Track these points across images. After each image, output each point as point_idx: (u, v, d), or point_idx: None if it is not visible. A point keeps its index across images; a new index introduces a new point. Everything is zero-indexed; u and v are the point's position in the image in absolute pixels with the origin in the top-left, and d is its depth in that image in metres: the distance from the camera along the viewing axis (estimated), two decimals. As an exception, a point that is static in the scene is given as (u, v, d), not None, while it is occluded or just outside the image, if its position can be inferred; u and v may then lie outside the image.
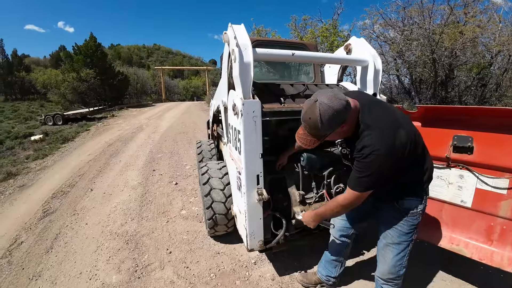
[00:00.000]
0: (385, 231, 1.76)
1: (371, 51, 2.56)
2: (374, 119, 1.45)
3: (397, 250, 1.72)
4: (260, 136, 1.94)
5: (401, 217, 1.67)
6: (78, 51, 25.63)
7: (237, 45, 1.85)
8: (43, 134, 10.66)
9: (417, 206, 1.65)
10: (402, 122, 1.47)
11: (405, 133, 1.42)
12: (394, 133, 1.40)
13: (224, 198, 2.64)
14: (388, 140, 1.38)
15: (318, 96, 1.38)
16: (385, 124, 1.43)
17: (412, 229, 1.69)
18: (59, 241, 3.32)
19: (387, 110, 1.53)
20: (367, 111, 1.48)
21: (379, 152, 1.37)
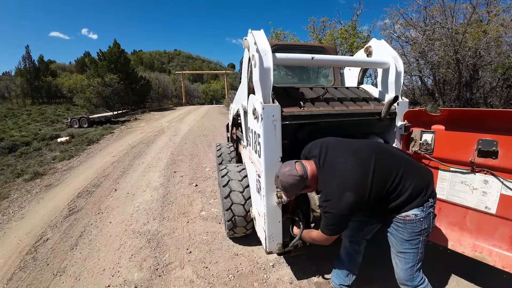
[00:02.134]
0: (390, 240, 1.82)
1: (392, 53, 2.53)
2: (324, 185, 1.71)
3: (405, 259, 1.76)
4: (280, 140, 1.97)
5: (400, 225, 1.73)
6: (103, 57, 26.52)
7: (257, 50, 1.89)
8: (69, 136, 11.07)
9: (416, 214, 1.67)
10: (350, 181, 1.62)
11: (351, 194, 1.59)
12: (339, 198, 1.60)
13: (243, 200, 2.68)
14: (333, 202, 1.62)
15: (279, 173, 1.77)
16: (331, 189, 1.65)
17: (414, 236, 1.71)
18: (83, 239, 3.45)
19: (336, 174, 1.68)
20: (321, 174, 1.74)
21: (330, 211, 1.63)
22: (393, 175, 1.67)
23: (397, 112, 2.47)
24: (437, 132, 2.38)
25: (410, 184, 1.67)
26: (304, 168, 1.73)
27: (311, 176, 1.73)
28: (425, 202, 1.69)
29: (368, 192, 1.62)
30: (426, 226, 1.71)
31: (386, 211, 1.73)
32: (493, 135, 2.08)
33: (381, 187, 1.65)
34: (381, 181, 1.65)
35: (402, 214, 1.69)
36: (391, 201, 1.68)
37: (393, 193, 1.66)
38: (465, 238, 2.29)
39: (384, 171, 1.67)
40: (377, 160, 1.69)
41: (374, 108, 2.42)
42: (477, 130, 2.16)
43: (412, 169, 1.74)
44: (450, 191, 2.35)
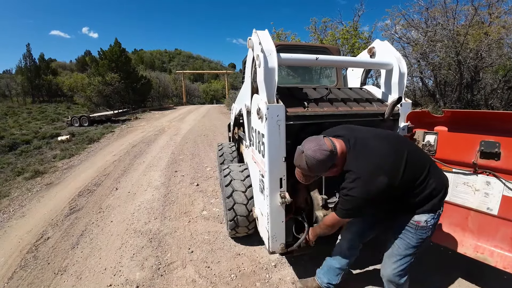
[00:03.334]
0: (394, 241, 1.79)
1: (395, 54, 2.53)
2: (355, 165, 1.57)
3: (401, 261, 1.76)
4: (284, 140, 1.97)
5: (411, 230, 1.71)
6: (103, 56, 26.50)
7: (262, 50, 1.90)
8: (69, 135, 11.08)
9: (428, 221, 1.66)
10: (386, 165, 1.54)
11: (384, 177, 1.50)
12: (370, 179, 1.51)
13: (245, 200, 2.69)
14: (362, 186, 1.51)
15: (304, 148, 1.59)
16: (364, 170, 1.54)
17: (420, 242, 1.72)
18: (84, 238, 3.45)
19: (372, 153, 1.59)
20: (352, 154, 1.61)
21: (355, 195, 1.53)
22: (423, 168, 1.64)
23: (400, 113, 2.48)
24: (439, 133, 2.39)
25: (433, 182, 1.64)
26: (332, 143, 1.59)
27: (340, 153, 1.59)
28: (438, 209, 1.69)
29: (399, 181, 1.54)
30: (431, 234, 1.73)
31: (403, 209, 1.71)
32: (496, 137, 2.09)
33: (412, 178, 1.59)
34: (412, 172, 1.59)
35: (415, 218, 1.67)
36: (413, 196, 1.63)
37: (419, 187, 1.62)
38: (467, 239, 2.30)
39: (415, 162, 1.63)
40: (409, 152, 1.64)
41: (378, 109, 2.43)
42: (480, 132, 2.16)
43: (436, 168, 1.73)
44: (452, 192, 2.34)
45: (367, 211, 1.67)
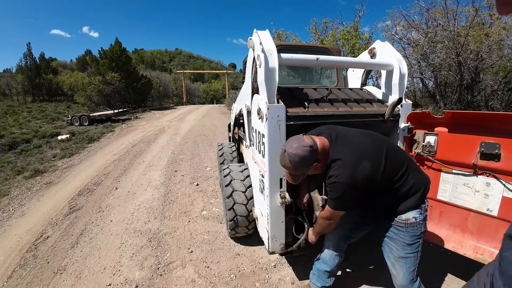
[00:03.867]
0: (389, 245, 1.80)
1: (396, 55, 2.54)
2: (339, 153, 1.63)
3: (407, 264, 1.75)
4: (284, 140, 1.98)
5: (401, 229, 1.72)
6: (104, 55, 26.52)
7: (263, 50, 1.90)
8: (69, 134, 11.09)
9: (416, 217, 1.68)
10: (368, 154, 1.61)
11: (368, 164, 1.57)
12: (355, 165, 1.57)
13: (245, 200, 2.69)
14: (348, 171, 1.56)
15: (286, 147, 1.66)
16: (347, 156, 1.60)
17: (415, 240, 1.72)
18: (84, 237, 3.45)
19: (353, 143, 1.68)
20: (334, 146, 1.67)
21: (341, 181, 1.56)
22: (401, 164, 1.69)
23: (400, 114, 2.48)
24: (440, 134, 2.39)
25: (412, 178, 1.69)
26: (312, 139, 1.65)
27: (321, 149, 1.65)
28: (422, 204, 1.72)
29: (381, 175, 1.59)
30: (424, 229, 1.75)
31: (385, 208, 1.74)
32: (496, 138, 2.09)
33: (391, 173, 1.64)
34: (391, 167, 1.65)
35: (402, 217, 1.70)
36: (394, 193, 1.67)
37: (398, 183, 1.66)
38: (467, 240, 2.30)
39: (394, 159, 1.68)
40: (388, 148, 1.71)
41: (378, 110, 2.43)
42: (480, 133, 2.17)
43: (414, 166, 1.78)
44: (452, 193, 2.36)
45: (355, 201, 1.66)
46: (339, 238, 2.04)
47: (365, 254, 2.78)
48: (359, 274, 2.60)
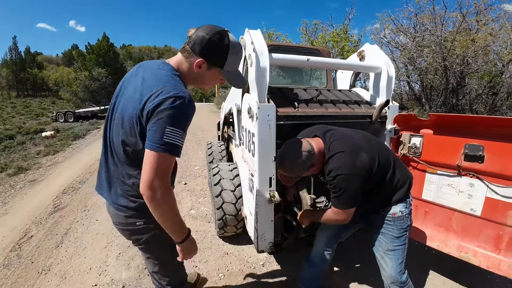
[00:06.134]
0: (378, 239, 1.85)
1: (384, 58, 2.57)
2: (335, 148, 1.64)
3: (396, 256, 1.80)
4: (274, 139, 1.98)
5: (389, 223, 1.77)
6: (91, 50, 26.07)
7: (254, 50, 1.90)
8: (54, 131, 10.88)
9: (402, 210, 1.75)
10: (362, 146, 1.65)
11: (366, 155, 1.59)
12: (353, 155, 1.58)
13: (234, 199, 2.68)
14: (348, 161, 1.57)
15: (284, 151, 1.67)
16: (344, 148, 1.61)
17: (402, 232, 1.78)
18: (69, 236, 3.37)
19: (347, 137, 1.71)
20: (329, 145, 1.67)
21: (343, 172, 1.55)
22: (388, 158, 1.74)
23: (387, 115, 2.52)
24: (425, 136, 2.44)
25: (398, 173, 1.74)
26: (309, 143, 1.66)
27: (317, 152, 1.66)
28: (407, 198, 1.78)
29: (377, 162, 1.63)
30: (410, 222, 1.82)
31: (376, 202, 1.78)
32: (480, 140, 2.14)
33: (384, 163, 1.68)
34: (383, 157, 1.69)
35: (390, 211, 1.75)
36: (386, 184, 1.71)
37: (389, 174, 1.70)
38: (451, 239, 2.35)
39: (383, 152, 1.73)
40: (375, 141, 1.79)
41: (366, 111, 2.46)
42: (464, 135, 2.22)
43: (398, 160, 1.84)
44: (437, 193, 2.42)
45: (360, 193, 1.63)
46: (329, 237, 2.05)
47: (351, 251, 2.82)
48: (347, 271, 2.63)
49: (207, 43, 1.21)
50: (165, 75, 1.22)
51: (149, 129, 1.13)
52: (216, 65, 1.29)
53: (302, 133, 1.91)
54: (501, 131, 2.05)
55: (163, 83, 1.17)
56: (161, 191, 1.14)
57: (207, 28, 1.23)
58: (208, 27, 1.24)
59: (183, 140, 1.18)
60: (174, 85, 1.17)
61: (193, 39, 1.23)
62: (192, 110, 1.20)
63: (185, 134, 1.19)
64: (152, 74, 1.25)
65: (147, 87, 1.18)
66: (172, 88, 1.15)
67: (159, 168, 1.13)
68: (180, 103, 1.12)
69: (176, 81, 1.22)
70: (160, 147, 1.11)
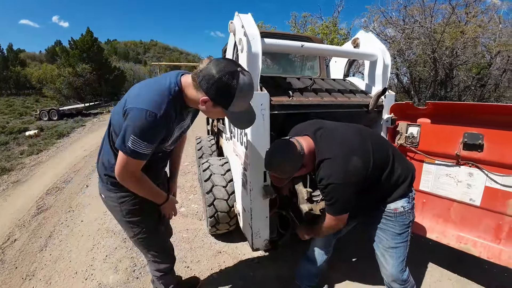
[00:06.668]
0: (379, 235, 1.76)
1: (379, 46, 2.49)
2: (326, 152, 1.53)
3: (397, 254, 1.72)
4: (268, 131, 1.86)
5: (391, 219, 1.68)
6: (74, 45, 25.44)
7: (245, 34, 1.75)
8: (38, 130, 10.57)
9: (404, 206, 1.65)
10: (355, 148, 1.54)
11: (358, 158, 1.49)
12: (345, 160, 1.48)
13: (226, 196, 2.55)
14: (339, 169, 1.47)
15: (271, 152, 1.58)
16: (335, 153, 1.51)
17: (404, 229, 1.69)
18: (53, 239, 3.23)
19: (338, 137, 1.60)
20: (319, 145, 1.57)
21: (334, 181, 1.46)
22: (387, 154, 1.64)
23: (384, 105, 2.44)
24: (422, 125, 2.39)
25: (399, 166, 1.65)
26: (299, 143, 1.55)
27: (308, 152, 1.55)
28: (410, 192, 1.69)
29: (372, 163, 1.52)
30: (412, 218, 1.72)
31: (375, 200, 1.69)
32: (479, 129, 2.09)
33: (380, 162, 1.58)
34: (379, 157, 1.59)
35: (391, 206, 1.65)
36: (384, 182, 1.61)
37: (387, 172, 1.61)
38: (450, 230, 2.32)
39: (380, 149, 1.63)
40: (372, 138, 1.66)
41: (362, 100, 2.37)
42: (463, 124, 2.16)
43: (399, 154, 1.74)
44: (435, 184, 2.37)
45: (354, 198, 1.55)
46: (325, 239, 1.95)
47: (350, 246, 2.75)
48: (345, 266, 2.56)
49: (215, 83, 1.19)
50: (156, 88, 1.29)
51: (122, 130, 1.26)
52: (221, 105, 1.28)
53: (292, 131, 1.81)
54: (502, 119, 1.99)
55: (144, 93, 1.28)
56: (130, 181, 1.38)
57: (219, 65, 1.20)
58: (221, 63, 1.21)
59: (148, 149, 1.27)
60: (151, 99, 1.24)
61: (203, 74, 1.21)
62: (160, 127, 1.27)
63: (152, 144, 1.28)
64: (148, 83, 1.37)
65: (133, 93, 1.32)
66: (146, 101, 1.23)
67: (125, 168, 1.31)
68: (146, 117, 1.20)
69: (159, 96, 1.26)
70: (124, 150, 1.25)
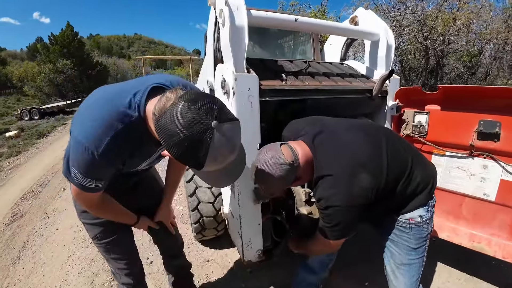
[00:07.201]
0: (390, 248, 1.46)
1: (382, 24, 2.22)
2: (326, 166, 1.25)
3: (410, 272, 1.43)
4: (258, 121, 1.54)
5: (405, 230, 1.38)
6: (54, 41, 24.70)
7: (227, 3, 1.41)
8: (18, 130, 10.23)
9: (422, 215, 1.35)
10: (364, 161, 1.24)
11: (367, 176, 1.21)
12: (350, 179, 1.20)
13: (212, 198, 2.25)
14: (342, 190, 1.19)
15: (258, 161, 1.27)
16: (339, 170, 1.22)
17: (421, 242, 1.39)
18: (27, 250, 2.98)
19: (344, 148, 1.29)
20: (319, 155, 1.28)
21: (336, 204, 1.19)
22: (405, 161, 1.33)
23: (388, 90, 2.17)
24: (431, 112, 2.17)
25: (419, 173, 1.34)
26: (293, 151, 1.26)
27: (304, 162, 1.27)
28: (430, 200, 1.38)
29: (385, 177, 1.24)
30: (431, 229, 1.43)
31: (388, 208, 1.38)
32: (496, 116, 1.89)
33: (396, 172, 1.28)
34: (395, 166, 1.28)
35: (406, 215, 1.35)
36: (399, 194, 1.31)
37: (404, 182, 1.31)
38: (462, 228, 2.14)
39: (397, 155, 1.32)
40: (388, 142, 1.33)
41: (365, 85, 2.09)
42: (478, 110, 1.95)
43: (419, 157, 1.43)
44: (445, 178, 2.18)
45: (358, 221, 1.28)
46: None
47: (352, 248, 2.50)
48: (347, 270, 2.31)
49: (175, 146, 0.83)
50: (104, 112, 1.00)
51: (65, 154, 1.11)
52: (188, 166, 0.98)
53: (287, 131, 1.52)
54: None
55: (87, 118, 1.03)
56: (88, 209, 1.25)
57: (186, 115, 0.80)
58: (189, 111, 0.81)
59: (96, 183, 1.08)
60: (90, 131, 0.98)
61: (161, 124, 0.84)
62: (102, 166, 1.04)
63: (98, 181, 1.08)
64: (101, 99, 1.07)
65: (80, 112, 1.09)
66: (84, 131, 1.00)
67: (78, 197, 1.18)
68: (82, 153, 0.99)
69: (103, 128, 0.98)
70: (71, 180, 1.08)
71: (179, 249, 1.92)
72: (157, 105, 0.88)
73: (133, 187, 1.49)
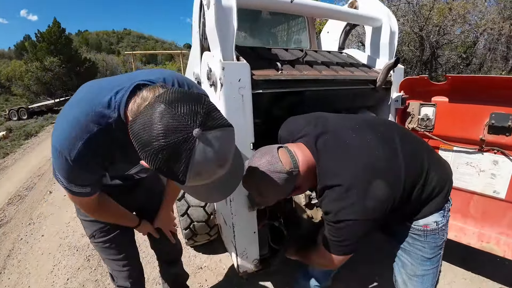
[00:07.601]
0: (402, 258, 1.31)
1: (384, 9, 2.05)
2: (332, 174, 1.07)
3: (423, 284, 1.27)
4: (251, 117, 1.36)
5: (419, 238, 1.22)
6: (41, 38, 24.31)
7: (211, -21, 1.21)
8: (6, 131, 10.02)
9: (438, 221, 1.18)
10: (379, 166, 1.07)
11: (383, 183, 1.03)
12: (363, 190, 1.02)
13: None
14: (355, 201, 1.01)
15: (251, 166, 1.08)
16: (349, 179, 1.04)
17: (436, 251, 1.24)
18: (12, 259, 2.84)
19: (354, 152, 1.10)
20: (324, 161, 1.10)
21: (346, 218, 1.02)
22: (421, 161, 1.16)
23: (392, 81, 2.00)
24: (438, 104, 2.04)
25: (435, 175, 1.16)
26: (292, 157, 1.08)
27: (304, 170, 1.09)
28: (445, 203, 1.21)
29: (403, 186, 1.07)
30: (446, 236, 1.26)
31: (400, 216, 1.20)
32: (508, 108, 1.76)
33: (413, 175, 1.11)
34: (411, 169, 1.11)
35: (420, 222, 1.19)
36: (414, 199, 1.14)
37: (420, 186, 1.13)
38: (470, 227, 2.04)
39: (413, 157, 1.15)
40: (402, 138, 1.16)
41: (368, 75, 1.91)
42: (490, 103, 1.83)
43: (434, 156, 1.26)
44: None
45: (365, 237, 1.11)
46: None
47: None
48: (351, 274, 2.14)
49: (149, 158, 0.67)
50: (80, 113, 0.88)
51: None
52: None
53: (283, 130, 1.34)
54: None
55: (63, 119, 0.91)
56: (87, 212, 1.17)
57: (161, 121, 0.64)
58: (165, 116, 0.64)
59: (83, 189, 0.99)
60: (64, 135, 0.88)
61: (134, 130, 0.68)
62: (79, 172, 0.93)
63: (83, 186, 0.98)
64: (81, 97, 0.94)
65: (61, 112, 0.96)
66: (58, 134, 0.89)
67: (71, 200, 1.10)
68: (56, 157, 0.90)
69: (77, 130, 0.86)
70: (61, 184, 0.99)
71: (177, 256, 1.81)
72: (131, 107, 0.79)
73: (131, 187, 1.37)
